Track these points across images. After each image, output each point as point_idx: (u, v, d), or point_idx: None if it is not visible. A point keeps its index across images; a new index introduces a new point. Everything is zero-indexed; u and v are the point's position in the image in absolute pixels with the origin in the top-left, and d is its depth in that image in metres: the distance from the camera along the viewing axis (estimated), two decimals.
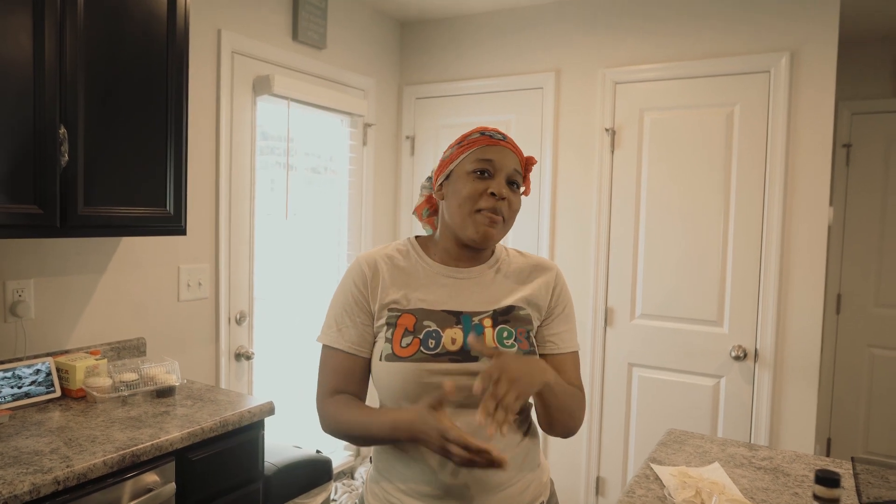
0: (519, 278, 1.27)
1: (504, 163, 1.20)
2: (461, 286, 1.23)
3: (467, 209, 1.18)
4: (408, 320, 1.18)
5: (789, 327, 2.64)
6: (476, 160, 1.20)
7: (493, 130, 1.25)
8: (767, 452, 1.70)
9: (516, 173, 1.22)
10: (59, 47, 1.67)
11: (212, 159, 2.50)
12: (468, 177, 1.19)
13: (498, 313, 1.20)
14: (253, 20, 2.64)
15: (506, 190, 1.19)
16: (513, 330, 1.19)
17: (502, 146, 1.22)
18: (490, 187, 1.18)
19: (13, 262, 1.92)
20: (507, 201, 1.19)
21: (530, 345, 1.21)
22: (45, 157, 1.65)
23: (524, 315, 1.22)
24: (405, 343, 1.16)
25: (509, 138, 1.25)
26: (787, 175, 2.63)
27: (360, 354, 1.22)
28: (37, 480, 1.36)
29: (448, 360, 1.14)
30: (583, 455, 3.08)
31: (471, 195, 1.18)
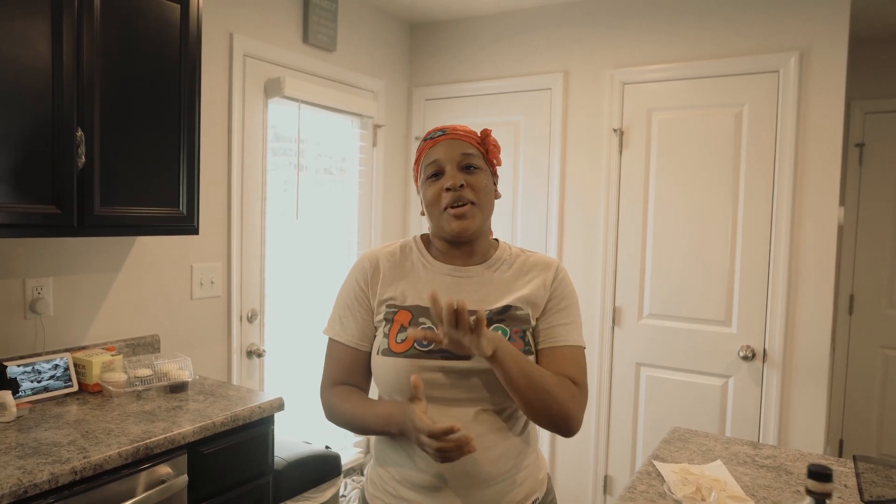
0: (519, 277, 1.27)
1: (449, 154, 1.22)
2: (460, 284, 1.25)
3: (436, 212, 1.23)
4: (404, 317, 1.21)
5: (798, 327, 2.64)
6: (425, 167, 1.25)
7: (434, 130, 1.28)
8: (771, 451, 1.71)
9: (467, 156, 1.23)
10: (76, 53, 1.73)
11: (224, 160, 2.55)
12: (426, 183, 1.25)
13: (494, 312, 1.21)
14: (264, 24, 2.69)
15: (459, 177, 1.21)
16: (507, 329, 1.20)
17: (443, 141, 1.24)
18: (444, 184, 1.21)
19: (33, 260, 1.98)
20: (468, 186, 1.21)
21: (525, 344, 1.21)
22: (63, 158, 1.71)
23: (521, 315, 1.23)
24: (400, 339, 1.19)
25: (452, 128, 1.26)
26: (796, 175, 2.63)
27: (361, 348, 1.26)
28: (55, 470, 1.41)
29: (441, 356, 1.16)
30: (591, 454, 3.09)
31: (433, 199, 1.23)
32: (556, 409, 1.14)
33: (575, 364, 1.23)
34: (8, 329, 1.93)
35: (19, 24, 1.60)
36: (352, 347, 1.26)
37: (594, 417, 3.07)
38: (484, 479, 1.17)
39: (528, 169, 3.23)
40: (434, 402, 1.16)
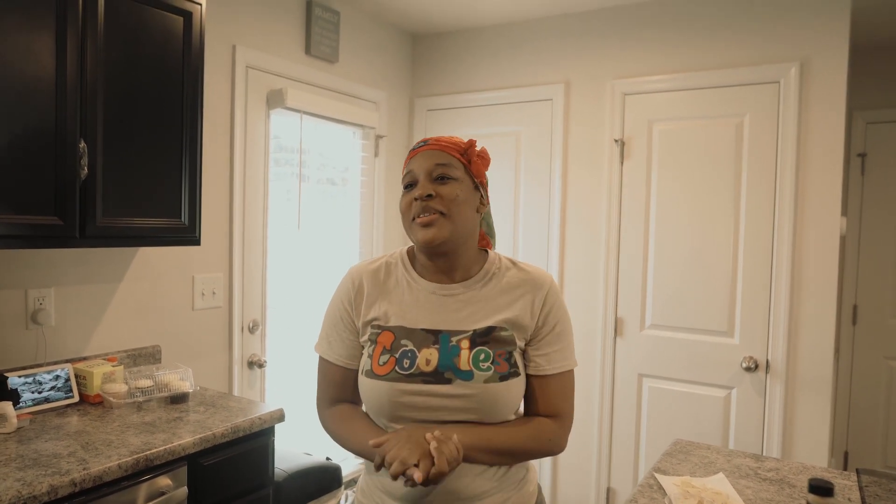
0: (506, 294, 1.23)
1: (423, 165, 1.20)
2: (444, 304, 1.22)
3: (406, 223, 1.22)
4: (387, 338, 1.20)
5: (801, 338, 2.63)
6: (403, 177, 1.24)
7: (419, 142, 1.26)
8: (774, 464, 1.70)
9: (440, 167, 1.20)
10: (80, 65, 1.74)
11: (226, 171, 2.56)
12: (402, 194, 1.24)
13: (477, 334, 1.18)
14: (267, 35, 2.70)
15: (428, 187, 1.18)
16: (490, 352, 1.17)
17: (422, 151, 1.23)
18: (414, 194, 1.20)
19: (35, 271, 1.99)
20: (437, 196, 1.18)
21: (511, 366, 1.18)
22: (66, 169, 1.71)
23: (506, 336, 1.19)
24: (382, 361, 1.18)
25: (433, 140, 1.24)
26: (797, 185, 2.63)
27: (350, 367, 1.27)
28: (55, 482, 1.41)
29: (421, 380, 1.15)
30: (593, 466, 3.07)
31: (404, 209, 1.22)
32: (535, 457, 1.21)
33: (562, 394, 1.23)
34: (9, 339, 1.93)
35: (24, 36, 1.62)
36: (341, 366, 1.27)
37: (596, 429, 3.06)
38: (468, 496, 1.16)
39: (529, 179, 3.23)
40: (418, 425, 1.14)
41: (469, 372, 1.15)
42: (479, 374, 1.15)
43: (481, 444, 1.13)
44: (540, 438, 1.19)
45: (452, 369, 1.15)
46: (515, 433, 1.18)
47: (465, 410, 1.15)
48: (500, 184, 3.31)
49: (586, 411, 3.09)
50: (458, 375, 1.15)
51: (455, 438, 1.08)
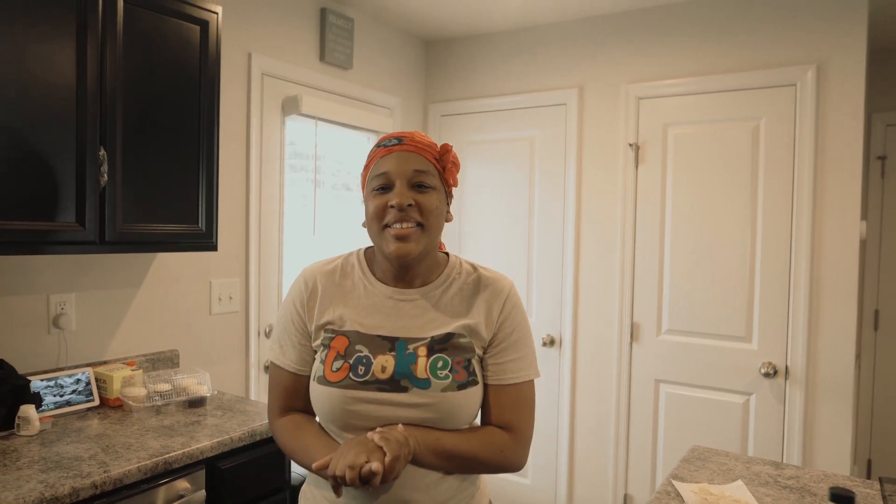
0: (464, 302, 1.19)
1: (400, 168, 1.13)
2: (402, 309, 1.17)
3: (375, 229, 1.14)
4: (340, 343, 1.14)
5: (821, 344, 2.60)
6: (372, 178, 1.15)
7: (389, 137, 1.17)
8: (794, 471, 1.68)
9: (419, 173, 1.13)
10: (100, 74, 1.77)
11: (242, 177, 2.59)
12: (371, 195, 1.15)
13: (435, 341, 1.14)
14: (282, 43, 2.73)
15: (408, 195, 1.11)
16: (448, 359, 1.12)
17: (397, 152, 1.14)
18: (389, 200, 1.12)
19: (56, 276, 2.02)
20: (416, 206, 1.12)
21: (469, 374, 1.13)
22: (86, 177, 1.74)
23: (464, 343, 1.15)
24: (335, 367, 1.12)
25: (408, 139, 1.16)
26: (815, 189, 2.60)
27: (302, 373, 1.20)
28: (76, 484, 1.43)
29: (376, 388, 1.10)
30: (610, 472, 3.05)
31: (375, 213, 1.13)
32: (483, 468, 1.15)
33: (517, 406, 1.17)
34: (32, 344, 1.97)
35: (46, 46, 1.65)
36: (292, 372, 1.20)
37: (613, 435, 3.04)
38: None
39: (543, 184, 3.23)
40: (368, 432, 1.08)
41: (426, 380, 1.10)
42: (437, 382, 1.10)
43: (429, 442, 1.08)
44: (492, 448, 1.13)
45: (409, 377, 1.10)
46: (466, 438, 1.13)
47: (418, 420, 1.10)
48: (514, 189, 3.31)
49: (603, 417, 3.07)
50: (415, 383, 1.10)
51: (400, 427, 1.05)
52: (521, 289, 3.30)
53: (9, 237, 1.60)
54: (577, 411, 3.15)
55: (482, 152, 3.42)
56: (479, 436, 1.14)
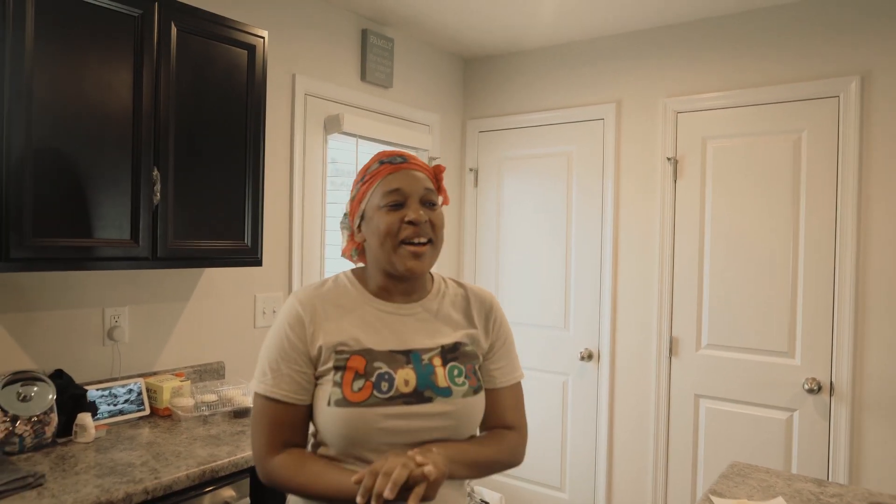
0: (460, 313, 1.24)
1: (413, 186, 1.16)
2: (404, 323, 1.19)
3: (390, 245, 1.14)
4: (358, 362, 1.12)
5: (868, 360, 2.53)
6: (384, 193, 1.15)
7: (391, 155, 1.20)
8: (838, 489, 1.65)
9: (429, 192, 1.17)
10: (154, 97, 1.87)
11: (286, 194, 2.68)
12: (381, 212, 1.15)
13: (446, 350, 1.18)
14: (324, 64, 2.82)
15: (423, 212, 1.14)
16: (462, 367, 1.17)
17: (406, 169, 1.17)
18: (406, 216, 1.13)
19: (111, 290, 2.12)
20: (429, 222, 1.16)
21: (478, 380, 1.20)
22: (141, 196, 1.84)
23: (470, 351, 1.21)
24: (357, 387, 1.10)
25: (410, 158, 1.20)
26: (860, 201, 2.55)
27: (298, 402, 1.14)
28: (130, 489, 1.50)
29: (402, 402, 1.10)
30: (648, 487, 3.02)
31: (389, 230, 1.13)
32: (502, 468, 1.22)
33: (516, 406, 1.26)
34: (89, 355, 2.07)
35: (104, 72, 1.75)
36: (287, 403, 1.13)
37: (652, 450, 3.00)
38: None
39: (581, 199, 3.24)
40: (391, 448, 1.09)
41: (447, 388, 1.14)
42: (457, 389, 1.15)
43: (458, 455, 1.11)
44: (507, 449, 1.22)
45: (431, 387, 1.13)
46: (485, 445, 1.20)
47: (441, 429, 1.13)
48: (551, 203, 3.33)
49: (641, 431, 3.05)
50: (438, 393, 1.13)
51: (434, 450, 1.06)
52: (559, 303, 3.30)
53: (68, 254, 1.69)
54: (616, 426, 3.13)
55: (520, 168, 3.45)
56: (494, 440, 1.22)
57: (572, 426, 3.25)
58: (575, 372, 3.25)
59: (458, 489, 1.21)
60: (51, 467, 1.61)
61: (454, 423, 1.14)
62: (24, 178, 1.60)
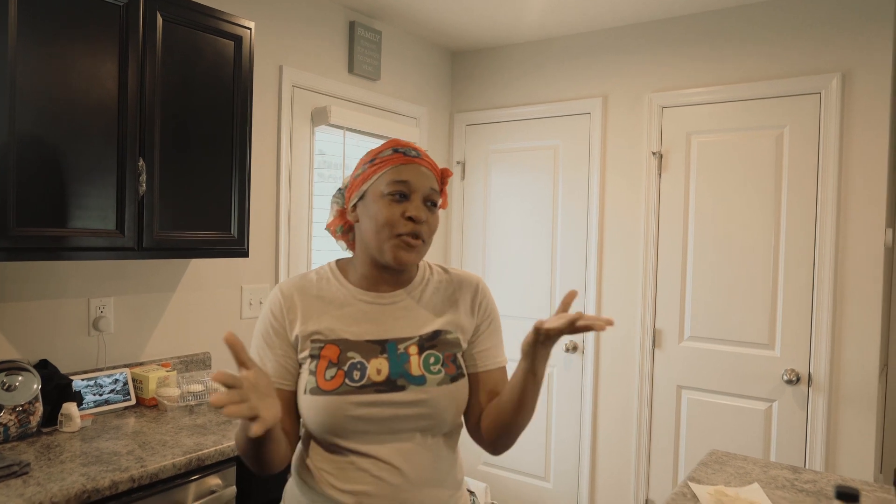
0: (444, 299, 1.23)
1: (420, 182, 1.15)
2: (384, 312, 1.19)
3: (385, 234, 1.14)
4: (331, 352, 1.13)
5: (845, 351, 2.59)
6: (391, 182, 1.14)
7: (406, 146, 1.18)
8: (812, 476, 1.69)
9: (433, 192, 1.17)
10: (140, 88, 1.87)
11: (273, 186, 2.68)
12: (383, 200, 1.14)
13: (424, 339, 1.17)
14: (312, 56, 2.82)
15: (424, 212, 1.15)
16: (440, 355, 1.16)
17: (417, 164, 1.17)
18: (407, 210, 1.13)
19: (96, 281, 2.12)
20: (427, 223, 1.16)
21: (457, 368, 1.18)
22: (126, 186, 1.84)
23: (452, 339, 1.19)
24: (329, 376, 1.11)
25: (424, 154, 1.19)
26: (840, 196, 2.59)
27: (284, 387, 1.16)
28: (116, 478, 1.51)
29: (374, 391, 1.11)
30: (631, 477, 3.06)
31: (388, 220, 1.13)
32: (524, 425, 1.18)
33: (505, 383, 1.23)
34: (74, 345, 2.07)
35: (89, 62, 1.75)
36: (275, 388, 1.12)
37: (634, 440, 3.05)
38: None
39: (567, 192, 3.26)
40: (372, 437, 1.11)
41: (421, 377, 1.13)
42: (431, 377, 1.14)
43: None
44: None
45: (405, 376, 1.12)
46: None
47: (418, 417, 1.12)
48: (537, 196, 3.35)
49: (625, 421, 3.09)
50: (411, 381, 1.12)
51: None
52: (545, 295, 3.33)
53: (52, 243, 1.69)
54: (600, 416, 3.17)
55: (506, 161, 3.47)
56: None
57: (557, 417, 3.29)
58: (560, 364, 3.28)
59: (459, 488, 1.22)
60: (36, 456, 1.62)
61: (429, 410, 1.13)
62: (7, 167, 1.60)
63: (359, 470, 1.11)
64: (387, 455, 1.11)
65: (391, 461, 1.11)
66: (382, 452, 1.11)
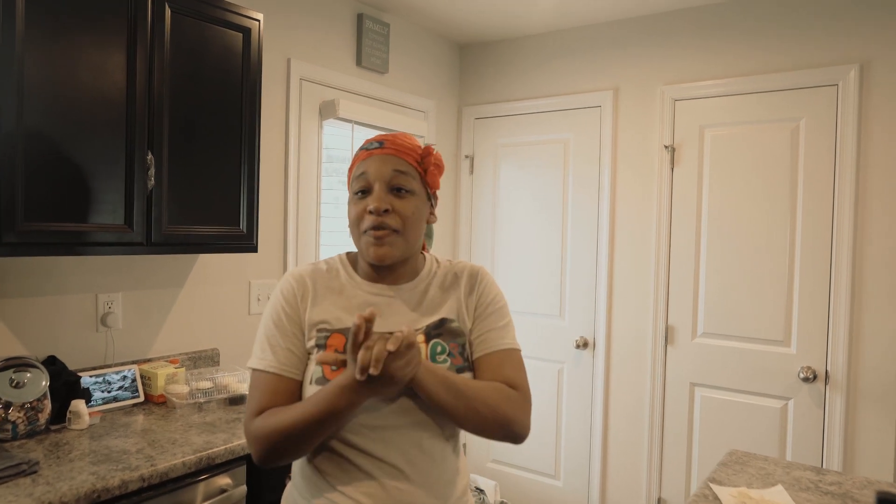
0: (448, 290, 1.21)
1: (379, 171, 1.12)
2: (391, 305, 1.17)
3: (356, 233, 1.14)
4: (338, 341, 1.11)
5: (863, 349, 2.54)
6: (354, 179, 1.15)
7: (371, 140, 1.16)
8: (836, 477, 1.65)
9: (400, 175, 1.12)
10: (148, 81, 1.83)
11: (281, 180, 2.65)
12: (353, 199, 1.15)
13: (431, 328, 1.15)
14: (320, 48, 2.78)
15: (385, 200, 1.11)
16: (446, 345, 1.14)
17: (377, 155, 1.14)
18: (367, 204, 1.11)
19: (104, 276, 2.09)
20: (394, 211, 1.11)
21: (464, 360, 1.15)
22: (135, 181, 1.81)
23: (456, 328, 1.17)
24: (336, 366, 1.06)
25: (389, 141, 1.15)
26: (857, 190, 2.55)
27: (291, 376, 1.12)
28: (126, 477, 1.48)
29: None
30: (643, 475, 3.03)
31: (355, 218, 1.14)
32: (492, 417, 1.08)
33: (512, 367, 1.16)
34: (82, 341, 2.04)
35: (97, 55, 1.71)
36: (277, 374, 1.11)
37: (647, 438, 3.01)
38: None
39: (577, 187, 3.22)
40: (376, 432, 1.08)
41: None
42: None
43: (438, 370, 1.06)
44: (498, 392, 1.10)
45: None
46: (475, 381, 1.12)
47: (425, 409, 1.09)
48: (547, 191, 3.31)
49: (636, 419, 3.05)
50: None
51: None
52: (555, 291, 3.29)
53: (60, 238, 1.66)
54: (611, 414, 3.13)
55: (516, 155, 3.43)
56: (487, 382, 1.12)
57: (567, 414, 3.26)
58: (570, 360, 3.25)
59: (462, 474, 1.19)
60: (45, 454, 1.59)
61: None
62: (15, 162, 1.57)
63: (361, 472, 1.09)
64: (390, 456, 1.08)
65: (394, 463, 1.08)
66: (385, 453, 1.08)
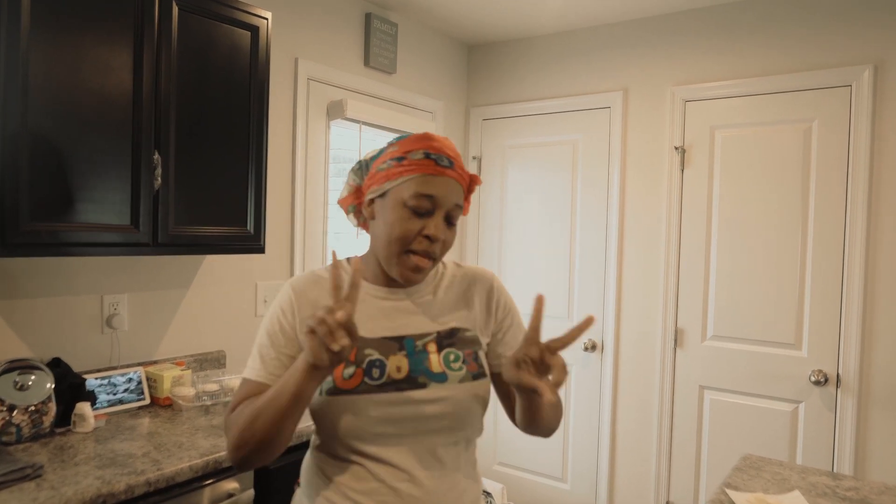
0: (458, 296, 1.19)
1: (447, 198, 1.08)
2: (400, 309, 1.14)
3: (396, 249, 1.08)
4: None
5: (876, 352, 2.51)
6: (416, 194, 1.06)
7: (438, 152, 1.08)
8: (853, 483, 1.62)
9: (457, 208, 1.10)
10: (155, 81, 1.81)
11: (288, 181, 2.62)
12: (404, 211, 1.07)
13: (442, 336, 1.13)
14: (327, 48, 2.76)
15: (442, 230, 1.08)
16: (459, 353, 1.12)
17: (448, 177, 1.08)
18: (426, 228, 1.07)
19: (110, 277, 2.07)
20: (442, 242, 1.09)
21: (479, 366, 1.13)
22: (141, 180, 1.79)
23: (470, 336, 1.15)
24: (347, 374, 1.06)
25: (457, 162, 1.11)
26: (871, 193, 2.52)
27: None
28: (131, 481, 1.46)
29: (394, 389, 1.06)
30: (651, 478, 3.00)
31: (403, 235, 1.07)
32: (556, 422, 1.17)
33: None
34: (87, 343, 2.02)
35: (103, 53, 1.70)
36: (266, 384, 1.07)
37: (655, 441, 2.98)
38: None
39: (586, 188, 3.19)
40: (392, 440, 1.06)
41: (442, 374, 1.08)
42: (453, 374, 1.09)
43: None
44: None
45: (425, 373, 1.08)
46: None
47: (441, 416, 1.08)
48: (556, 192, 3.29)
49: (645, 422, 3.02)
50: (432, 378, 1.08)
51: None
52: (563, 294, 3.27)
53: (66, 239, 1.64)
54: (619, 416, 3.10)
55: (524, 156, 3.40)
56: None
57: (575, 417, 3.23)
58: (579, 362, 3.22)
59: (475, 482, 1.18)
60: (49, 458, 1.57)
61: (452, 409, 1.08)
62: (20, 162, 1.55)
63: (373, 477, 1.06)
64: (404, 463, 1.06)
65: (410, 470, 1.06)
66: (400, 459, 1.06)
